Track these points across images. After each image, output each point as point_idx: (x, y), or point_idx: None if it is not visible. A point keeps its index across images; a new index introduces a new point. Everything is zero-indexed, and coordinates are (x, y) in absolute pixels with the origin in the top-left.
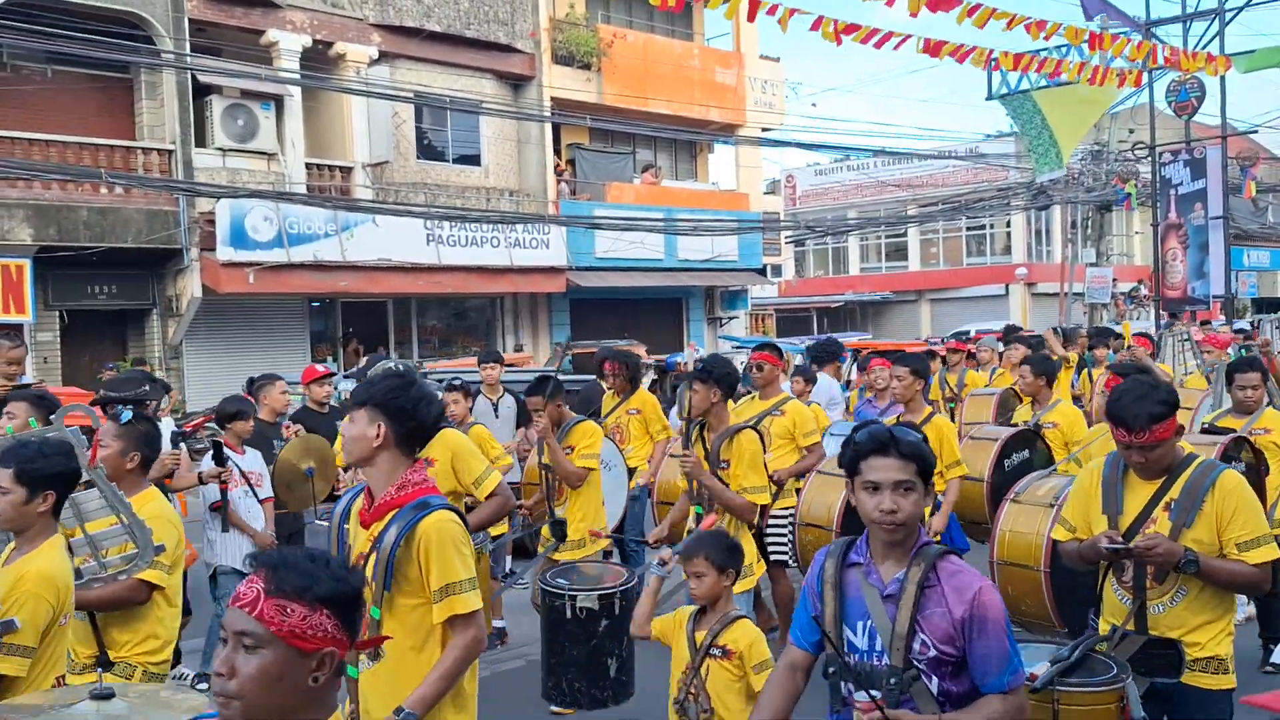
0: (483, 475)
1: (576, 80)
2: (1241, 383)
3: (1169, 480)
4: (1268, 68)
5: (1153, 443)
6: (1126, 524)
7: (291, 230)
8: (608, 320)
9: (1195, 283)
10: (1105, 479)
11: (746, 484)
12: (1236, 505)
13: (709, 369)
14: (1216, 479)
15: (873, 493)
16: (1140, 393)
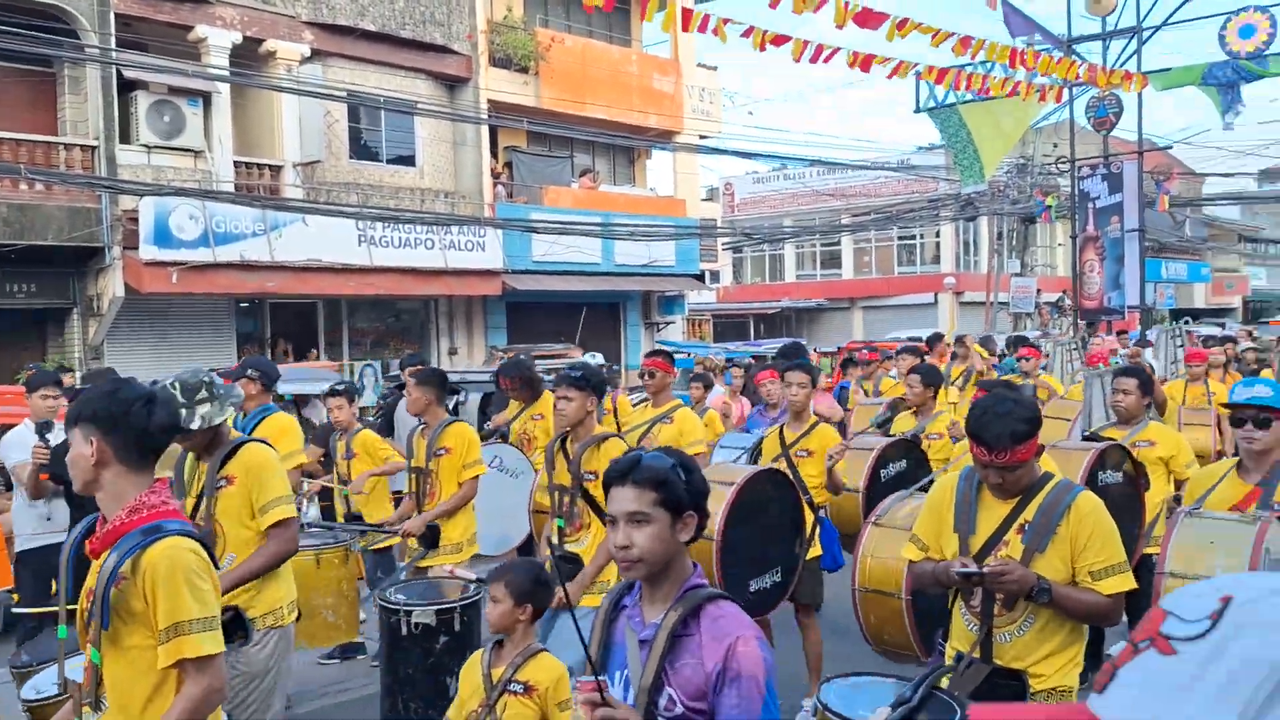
0: (273, 503)
1: (514, 83)
2: (1116, 387)
3: (1024, 500)
4: (1183, 85)
5: (1013, 464)
6: (978, 545)
7: (218, 229)
8: (544, 324)
9: (1111, 293)
10: (958, 496)
11: None
12: (1092, 531)
13: (585, 377)
14: (1073, 502)
15: (613, 527)
16: (1002, 410)
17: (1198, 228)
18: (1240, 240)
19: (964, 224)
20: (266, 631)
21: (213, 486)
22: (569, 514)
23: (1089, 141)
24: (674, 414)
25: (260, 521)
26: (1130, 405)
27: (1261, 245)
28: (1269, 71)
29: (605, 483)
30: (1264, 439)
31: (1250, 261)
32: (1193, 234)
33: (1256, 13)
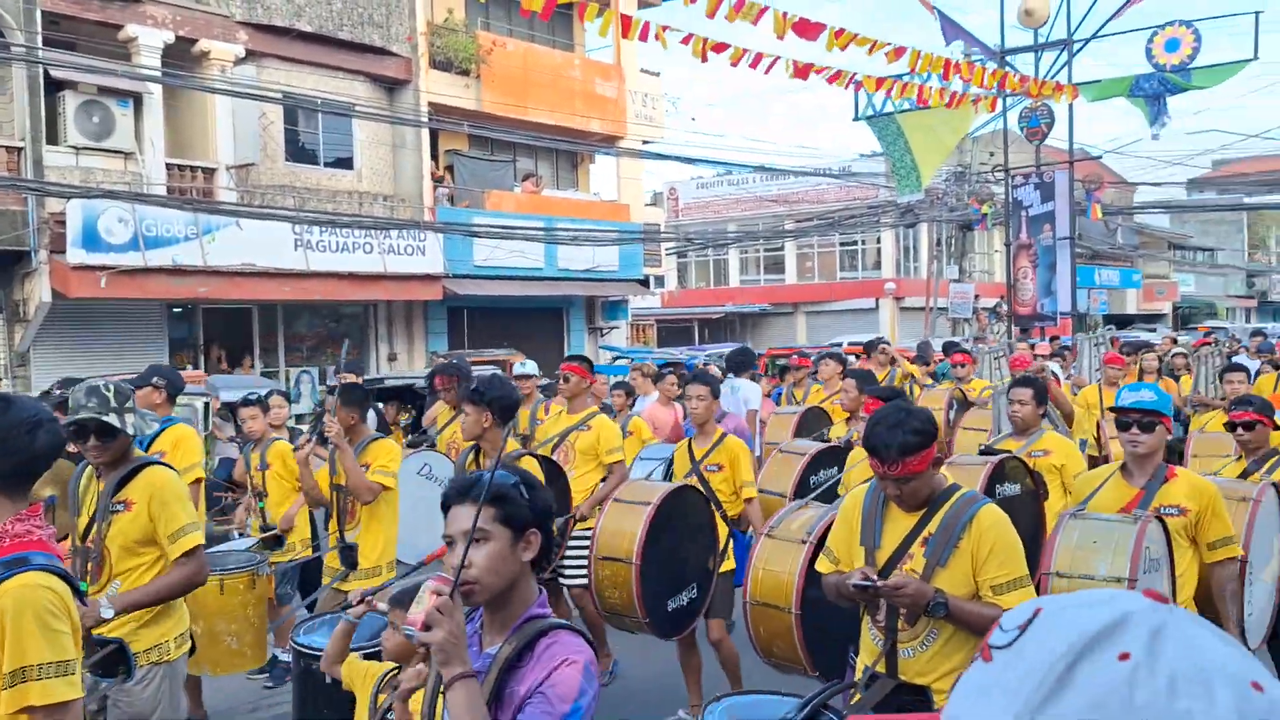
0: (181, 531)
1: (455, 86)
2: (1012, 397)
3: (929, 513)
4: (1112, 97)
5: (905, 475)
6: (884, 558)
7: (149, 233)
8: (487, 329)
9: (1044, 300)
10: (865, 508)
11: None
12: (994, 544)
13: (481, 391)
14: (975, 515)
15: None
16: (893, 421)
17: (1129, 235)
18: (1170, 248)
19: (904, 230)
20: (151, 668)
21: (108, 510)
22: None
23: (1026, 150)
24: (591, 421)
25: (170, 550)
26: (1026, 415)
27: (1190, 253)
28: (1192, 84)
29: (443, 503)
30: (1148, 442)
31: (1179, 268)
32: (1124, 241)
33: (1181, 27)
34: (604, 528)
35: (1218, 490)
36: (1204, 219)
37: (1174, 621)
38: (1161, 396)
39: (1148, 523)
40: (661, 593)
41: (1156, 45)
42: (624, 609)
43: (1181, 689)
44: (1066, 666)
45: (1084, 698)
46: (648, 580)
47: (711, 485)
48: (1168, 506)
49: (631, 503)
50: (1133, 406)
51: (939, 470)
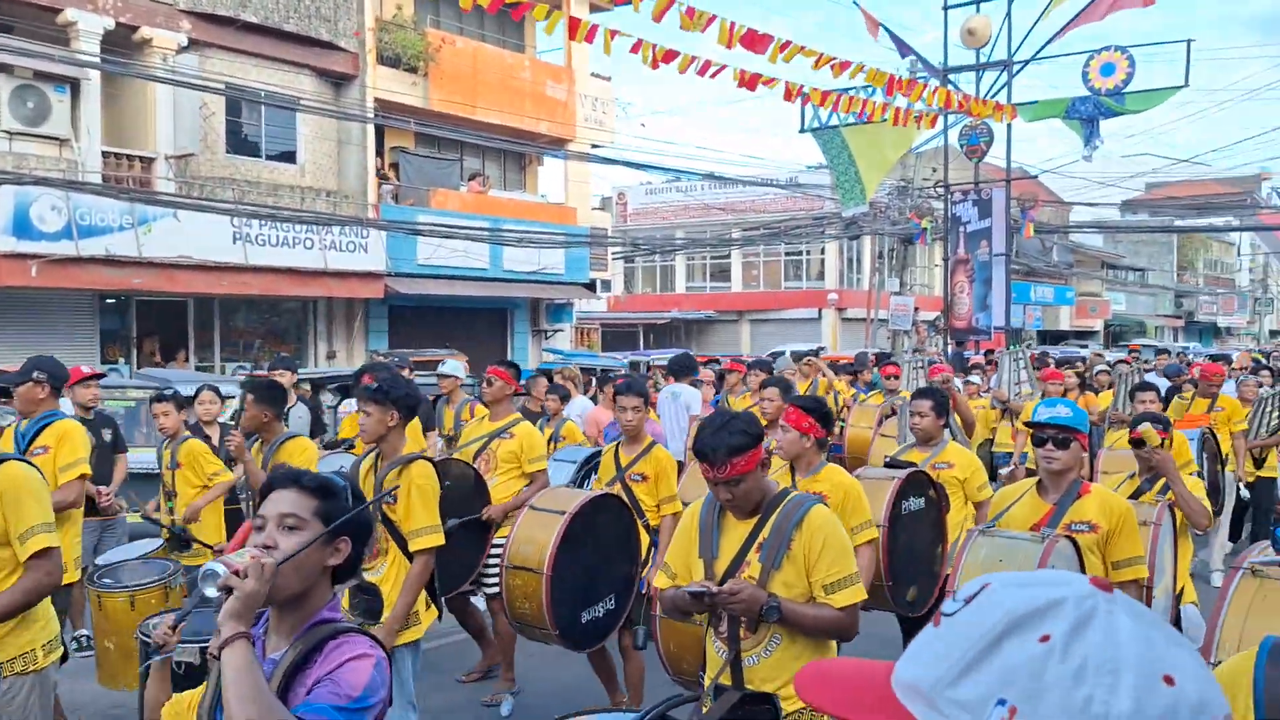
0: (31, 531)
1: (402, 83)
2: (912, 409)
3: (763, 519)
4: (1048, 118)
5: (733, 477)
6: (722, 568)
7: (82, 222)
8: (429, 329)
9: (979, 314)
10: (702, 520)
11: (415, 525)
12: (824, 543)
13: (385, 389)
14: (804, 516)
15: (258, 532)
16: (718, 425)
17: (1064, 253)
18: (1103, 266)
19: (848, 242)
20: (17, 678)
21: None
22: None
23: (967, 167)
24: (514, 428)
25: (19, 551)
26: (927, 426)
27: (1122, 272)
28: (1126, 108)
29: (264, 488)
30: (1063, 459)
31: (1111, 287)
32: (1059, 259)
33: (1116, 52)
34: (517, 536)
35: (1130, 508)
36: (1136, 240)
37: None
38: (1077, 413)
39: (1055, 542)
40: (575, 604)
41: (1093, 69)
42: (534, 620)
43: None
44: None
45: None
46: (559, 591)
47: (635, 494)
48: (1078, 523)
49: (546, 510)
50: (1048, 422)
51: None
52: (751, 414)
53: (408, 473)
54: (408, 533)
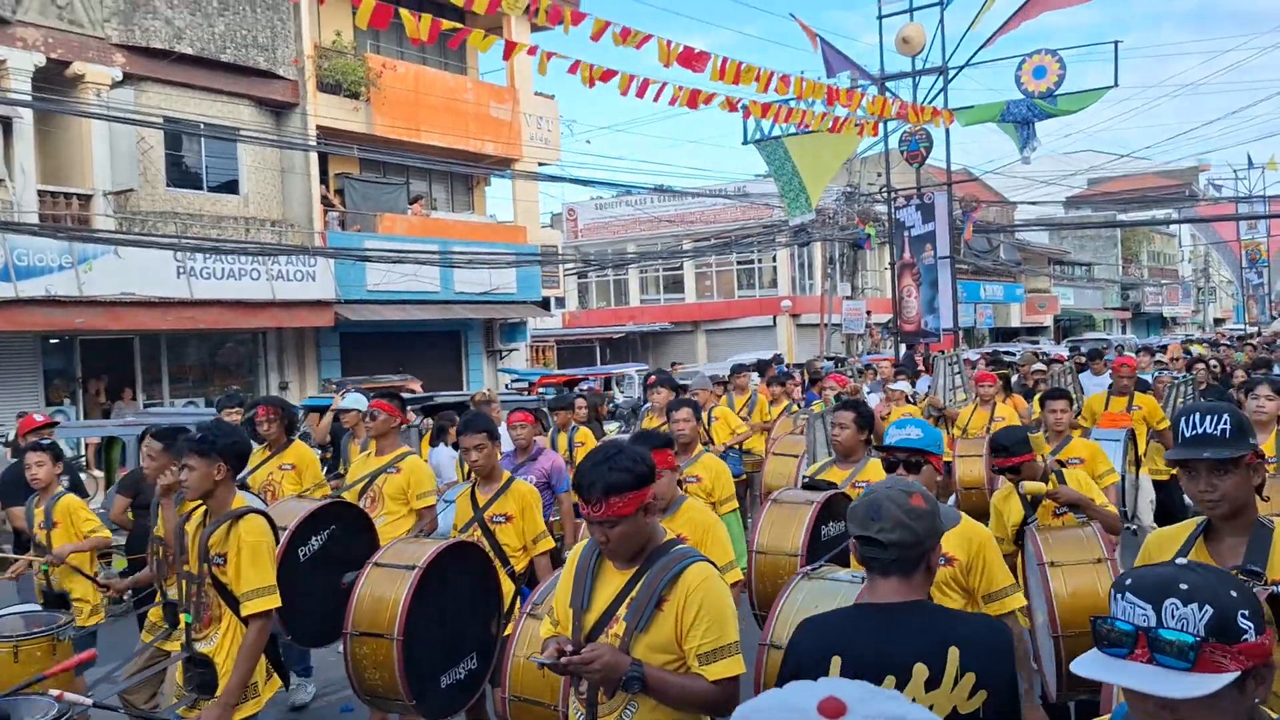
0: None
1: (344, 110)
2: (834, 420)
3: (641, 570)
4: (984, 122)
5: (609, 518)
6: (591, 622)
7: (20, 263)
8: (381, 355)
9: (928, 317)
10: (580, 564)
11: (247, 587)
12: (700, 607)
13: (210, 439)
14: (681, 572)
15: None
16: (600, 458)
17: (1011, 251)
18: (1050, 263)
19: (799, 249)
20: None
21: None
22: (197, 605)
23: (913, 171)
24: (401, 463)
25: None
26: (847, 440)
27: (1069, 268)
28: (1059, 110)
29: None
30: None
31: (1059, 283)
32: (1007, 257)
33: (1047, 55)
34: (362, 596)
35: (990, 536)
36: (1081, 235)
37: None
38: (929, 434)
39: None
40: (434, 668)
41: (1025, 73)
42: (387, 691)
43: None
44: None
45: None
46: (414, 655)
47: (498, 539)
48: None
49: (393, 566)
50: (898, 445)
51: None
52: (642, 451)
53: (236, 530)
54: (239, 595)
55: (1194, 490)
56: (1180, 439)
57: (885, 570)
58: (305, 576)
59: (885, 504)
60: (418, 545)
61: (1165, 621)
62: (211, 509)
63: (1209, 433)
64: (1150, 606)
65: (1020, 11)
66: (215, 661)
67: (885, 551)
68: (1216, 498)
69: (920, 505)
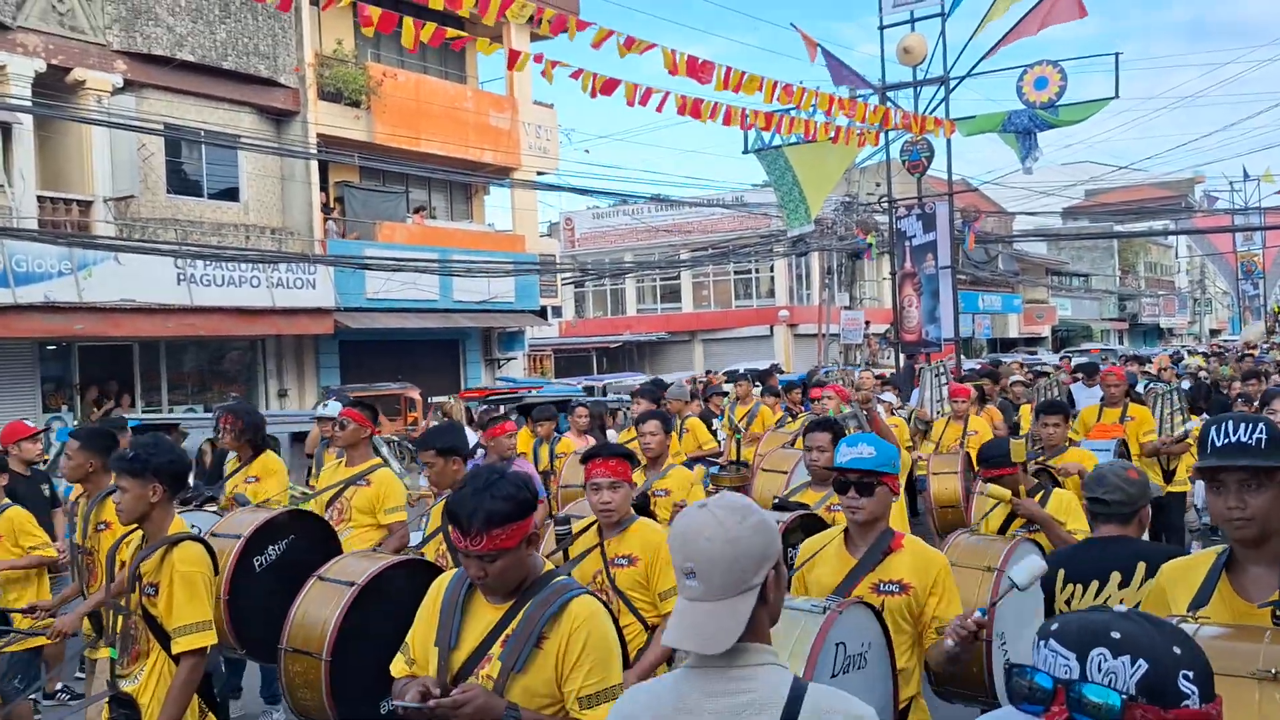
0: None
1: (345, 118)
2: (808, 443)
3: (518, 604)
4: (986, 131)
5: (489, 552)
6: (460, 661)
7: (19, 269)
8: (380, 363)
9: (929, 327)
10: (446, 597)
11: (179, 621)
12: (584, 646)
13: (144, 458)
14: (563, 608)
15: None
16: (480, 485)
17: (1009, 262)
18: (1047, 274)
19: (796, 259)
20: None
21: None
22: (124, 638)
23: (910, 181)
24: (371, 475)
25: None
26: (825, 463)
27: (1066, 278)
28: (1060, 120)
29: None
30: (868, 507)
31: (1057, 293)
32: (1005, 268)
33: (1049, 66)
34: (297, 612)
35: (946, 563)
36: (1079, 246)
37: None
38: (883, 452)
39: (837, 614)
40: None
41: (1026, 83)
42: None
43: None
44: None
45: None
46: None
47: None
48: (887, 582)
49: (334, 581)
50: (849, 466)
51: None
52: (524, 476)
53: (170, 558)
54: (171, 630)
55: (1220, 507)
56: (1209, 448)
57: (1107, 519)
58: (261, 587)
59: (1109, 475)
60: (365, 560)
61: (1090, 674)
62: (147, 534)
63: (1243, 441)
64: (1074, 655)
65: (1019, 26)
66: (140, 703)
67: (1108, 507)
68: (1246, 516)
69: (1133, 477)
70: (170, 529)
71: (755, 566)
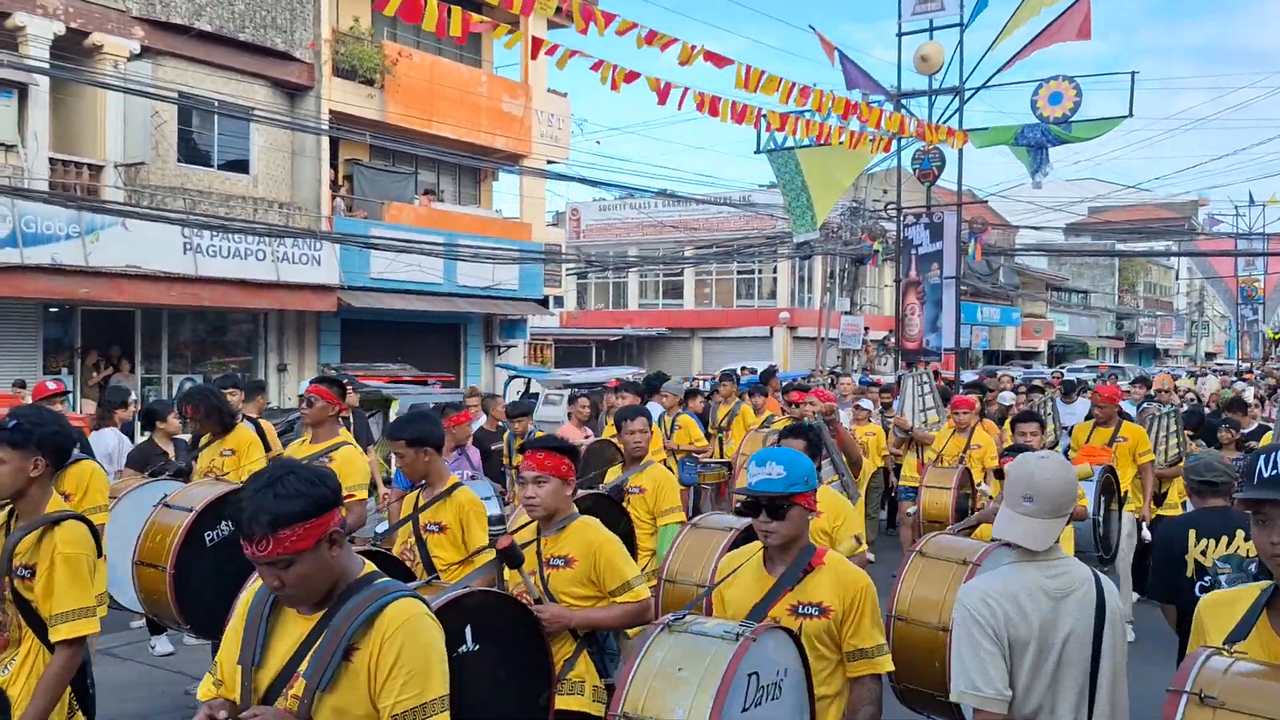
0: None
1: (358, 95)
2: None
3: (330, 614)
4: (999, 144)
5: (279, 557)
6: (267, 681)
7: (28, 229)
8: (381, 344)
9: (930, 335)
10: (252, 610)
11: (59, 607)
12: (398, 657)
13: (27, 428)
14: (376, 615)
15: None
16: (265, 480)
17: (1010, 275)
18: (1047, 288)
19: (799, 261)
20: None
21: None
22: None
23: (919, 190)
24: (335, 452)
25: None
26: None
27: (1065, 294)
28: (1073, 136)
29: None
30: (781, 531)
31: (1055, 309)
32: (1005, 281)
33: (1065, 82)
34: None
35: (867, 584)
36: (1079, 263)
37: None
38: (794, 471)
39: (751, 641)
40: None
41: (1041, 98)
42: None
43: None
44: None
45: None
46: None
47: (429, 550)
48: (806, 604)
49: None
50: (756, 490)
51: (340, 550)
52: (321, 471)
53: (50, 538)
54: (48, 617)
55: (1265, 542)
56: (1256, 478)
57: (1215, 494)
58: (209, 563)
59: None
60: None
61: None
62: (21, 511)
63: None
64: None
65: (1035, 41)
66: (9, 695)
67: (1216, 487)
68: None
69: (1228, 464)
70: (49, 507)
71: (1070, 502)
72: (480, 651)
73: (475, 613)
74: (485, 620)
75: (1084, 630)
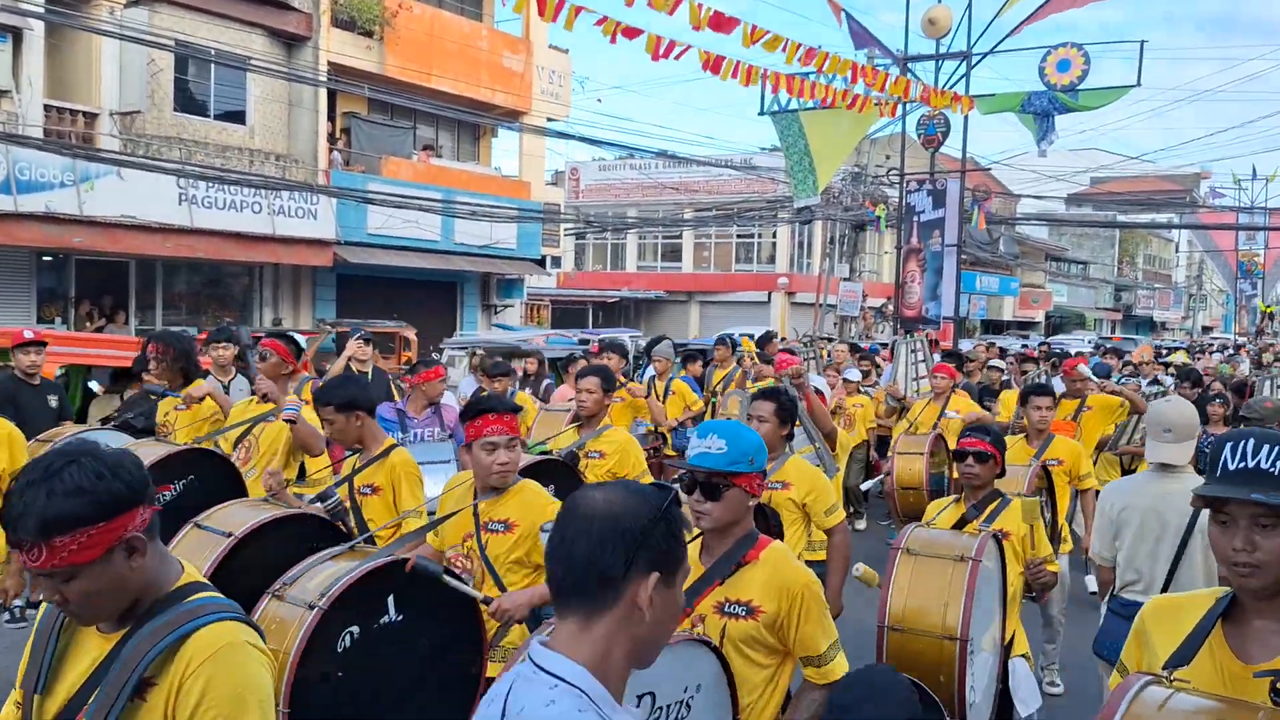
0: None
1: (357, 47)
2: (751, 412)
3: (128, 635)
4: (1005, 111)
5: (55, 569)
6: (53, 713)
7: (21, 177)
8: (377, 300)
9: (930, 304)
10: (42, 622)
11: None
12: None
13: None
14: (179, 644)
15: None
16: (40, 473)
17: (1009, 244)
18: (1046, 258)
19: (799, 226)
20: None
21: None
22: None
23: (921, 156)
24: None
25: None
26: (767, 435)
27: (1064, 265)
28: (1080, 105)
29: None
30: (715, 513)
31: (1054, 279)
32: (1005, 250)
33: (1073, 49)
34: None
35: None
36: (1079, 233)
37: None
38: (736, 447)
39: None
40: None
41: (1049, 64)
42: None
43: None
44: None
45: None
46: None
47: (363, 513)
48: (734, 602)
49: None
50: (694, 464)
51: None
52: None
53: None
54: None
55: (1224, 548)
56: (1220, 471)
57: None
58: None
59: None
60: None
61: None
62: None
63: (1262, 468)
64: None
65: (1045, 6)
66: None
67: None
68: (1255, 562)
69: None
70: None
71: (1193, 432)
72: (403, 622)
73: (399, 581)
74: (410, 590)
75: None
